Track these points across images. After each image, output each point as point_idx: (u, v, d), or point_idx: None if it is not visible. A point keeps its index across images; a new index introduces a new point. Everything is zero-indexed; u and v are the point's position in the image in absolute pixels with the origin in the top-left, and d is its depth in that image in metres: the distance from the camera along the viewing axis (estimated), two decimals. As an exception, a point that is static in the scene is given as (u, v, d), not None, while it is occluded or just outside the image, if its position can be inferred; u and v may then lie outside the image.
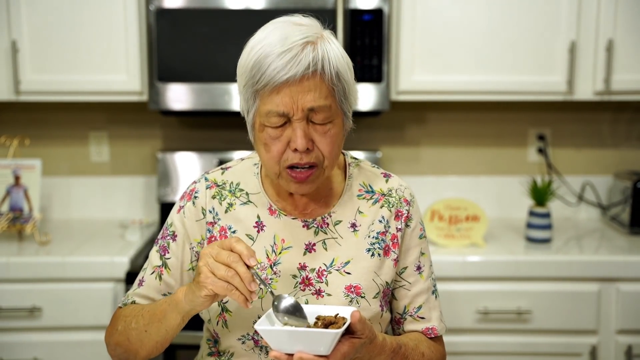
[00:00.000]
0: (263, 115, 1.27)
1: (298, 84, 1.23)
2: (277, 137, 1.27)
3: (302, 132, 1.25)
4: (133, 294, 1.43)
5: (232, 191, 1.42)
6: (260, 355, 1.36)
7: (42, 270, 2.29)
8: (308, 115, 1.26)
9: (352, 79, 1.31)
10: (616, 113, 2.92)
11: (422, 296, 1.44)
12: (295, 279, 1.35)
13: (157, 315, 1.32)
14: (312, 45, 1.24)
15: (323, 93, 1.25)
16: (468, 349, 2.37)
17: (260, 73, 1.23)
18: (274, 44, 1.23)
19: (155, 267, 1.42)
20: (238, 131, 2.96)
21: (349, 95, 1.31)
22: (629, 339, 2.36)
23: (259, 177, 1.43)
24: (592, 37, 2.52)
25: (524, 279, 2.36)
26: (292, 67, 1.21)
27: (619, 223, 2.75)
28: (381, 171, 1.48)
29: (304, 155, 1.27)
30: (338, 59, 1.26)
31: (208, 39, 2.44)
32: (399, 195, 1.43)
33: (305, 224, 1.38)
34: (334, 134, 1.29)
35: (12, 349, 2.29)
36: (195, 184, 1.45)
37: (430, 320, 1.44)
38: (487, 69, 2.54)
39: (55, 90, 2.52)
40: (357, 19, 2.45)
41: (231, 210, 1.40)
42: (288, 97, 1.23)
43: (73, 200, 2.90)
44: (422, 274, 1.44)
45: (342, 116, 1.31)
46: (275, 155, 1.28)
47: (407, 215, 1.42)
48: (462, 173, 2.94)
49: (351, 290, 1.35)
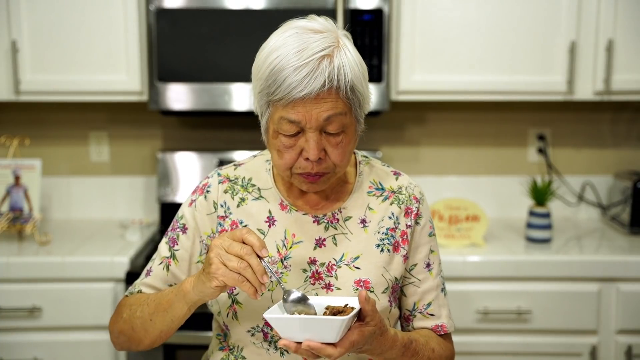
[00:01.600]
0: (276, 122, 1.28)
1: (313, 99, 1.24)
2: (290, 146, 1.29)
3: (314, 144, 1.27)
4: (140, 283, 1.45)
5: (244, 186, 1.44)
6: (269, 350, 1.37)
7: (42, 270, 2.29)
8: (322, 127, 1.27)
9: (367, 86, 1.33)
10: (616, 113, 2.92)
11: (432, 293, 1.45)
12: (306, 273, 1.37)
13: (163, 305, 1.33)
14: (329, 58, 1.24)
15: (339, 107, 1.27)
16: (468, 349, 2.37)
17: (276, 86, 1.24)
18: (290, 56, 1.23)
19: (163, 258, 1.44)
20: (238, 131, 2.98)
21: (363, 104, 1.33)
22: (629, 339, 2.36)
23: (270, 174, 1.45)
24: (592, 37, 2.52)
25: (524, 279, 2.36)
26: (309, 84, 1.22)
27: (619, 223, 2.75)
28: (391, 169, 1.50)
29: (315, 165, 1.29)
30: (354, 71, 1.27)
31: (208, 39, 2.44)
32: (408, 192, 1.45)
33: (315, 219, 1.40)
34: (347, 143, 1.31)
35: (12, 349, 2.29)
36: (208, 178, 1.47)
37: (440, 317, 1.45)
38: (487, 69, 2.54)
39: (55, 90, 2.52)
40: (357, 19, 2.45)
41: (243, 205, 1.42)
42: (303, 111, 1.25)
43: (73, 200, 2.90)
44: (432, 271, 1.46)
45: (355, 124, 1.33)
46: (288, 162, 1.31)
47: (416, 213, 1.44)
48: (462, 173, 2.94)
49: (360, 285, 1.36)
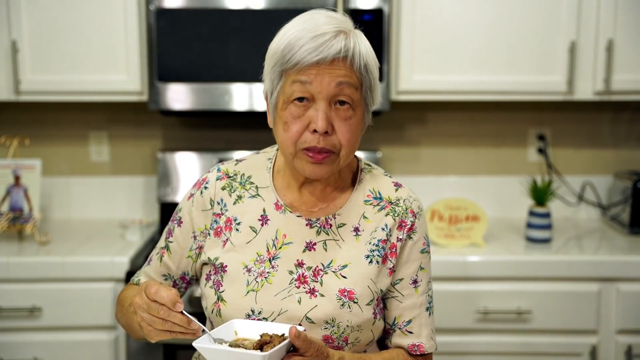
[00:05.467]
0: (288, 89, 1.29)
1: (328, 65, 1.26)
2: (298, 116, 1.29)
3: (323, 114, 1.27)
4: (142, 272, 1.50)
5: (243, 183, 1.44)
6: None
7: (42, 270, 2.29)
8: (332, 98, 1.28)
9: (377, 78, 1.35)
10: (616, 113, 2.92)
11: (414, 311, 1.41)
12: (292, 275, 1.35)
13: (129, 324, 1.35)
14: (345, 34, 1.28)
15: (352, 78, 1.29)
16: (468, 349, 2.37)
17: (292, 53, 1.26)
18: (308, 29, 1.26)
19: (160, 249, 1.48)
20: (238, 131, 2.98)
21: (374, 89, 1.35)
22: (629, 339, 2.36)
23: (270, 172, 1.44)
24: (592, 37, 2.52)
25: (524, 279, 2.36)
26: (324, 49, 1.25)
27: (619, 223, 2.75)
28: (393, 180, 1.47)
29: (321, 139, 1.29)
30: (368, 53, 1.31)
31: (208, 39, 2.44)
32: (406, 205, 1.42)
33: (309, 222, 1.39)
34: (355, 122, 1.32)
35: (12, 349, 2.29)
36: (208, 173, 1.47)
37: (419, 336, 1.41)
38: (487, 69, 2.54)
39: (55, 90, 2.52)
40: (357, 19, 2.42)
41: (240, 202, 1.42)
42: (316, 74, 1.26)
43: (73, 200, 2.90)
44: (418, 288, 1.41)
45: (364, 109, 1.34)
46: (294, 135, 1.30)
47: (410, 227, 1.40)
48: (462, 173, 2.94)
49: (344, 295, 1.34)
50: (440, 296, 2.32)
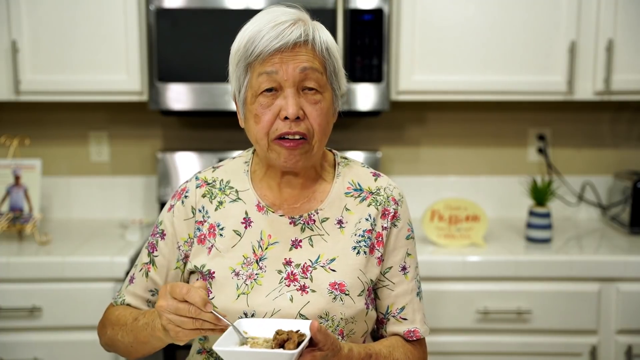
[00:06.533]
0: (255, 83, 1.32)
1: (290, 51, 1.30)
2: (267, 105, 1.32)
3: (293, 100, 1.30)
4: (125, 291, 1.46)
5: (222, 189, 1.44)
6: None
7: (42, 270, 2.29)
8: (299, 85, 1.31)
9: (341, 63, 1.38)
10: (616, 113, 2.92)
11: (406, 297, 1.43)
12: (281, 274, 1.36)
13: (140, 339, 1.34)
14: (303, 22, 1.32)
15: (315, 62, 1.32)
16: (468, 349, 2.37)
17: (254, 45, 1.30)
18: (267, 21, 1.31)
19: (143, 265, 1.45)
20: (238, 131, 2.96)
21: (338, 73, 1.37)
22: (629, 339, 2.36)
23: (248, 175, 1.45)
24: (592, 37, 2.52)
25: (524, 279, 2.36)
26: (285, 36, 1.29)
27: (619, 223, 2.75)
28: (370, 170, 1.49)
29: (293, 125, 1.31)
30: (328, 37, 1.35)
31: (208, 39, 2.43)
32: (387, 193, 1.44)
33: (292, 220, 1.40)
34: (324, 107, 1.34)
35: (12, 349, 2.29)
36: (186, 183, 1.48)
37: (414, 322, 1.43)
38: (487, 69, 2.54)
39: (55, 90, 2.52)
40: (357, 19, 2.45)
41: (221, 208, 1.42)
42: (279, 62, 1.30)
43: (73, 200, 2.90)
44: (407, 274, 1.43)
45: (331, 93, 1.36)
46: (265, 125, 1.32)
47: (394, 215, 1.42)
48: (462, 173, 2.94)
49: (335, 288, 1.35)
50: (440, 296, 2.32)
